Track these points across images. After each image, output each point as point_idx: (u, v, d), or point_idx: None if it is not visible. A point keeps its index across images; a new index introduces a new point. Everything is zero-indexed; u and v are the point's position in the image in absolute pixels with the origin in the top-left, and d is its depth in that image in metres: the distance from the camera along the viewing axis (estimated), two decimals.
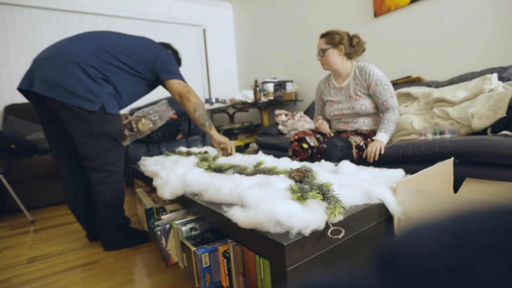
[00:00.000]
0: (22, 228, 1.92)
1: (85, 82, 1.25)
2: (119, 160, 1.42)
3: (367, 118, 1.56)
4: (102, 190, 1.36)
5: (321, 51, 1.54)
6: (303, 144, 1.50)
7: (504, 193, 0.96)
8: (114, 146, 1.37)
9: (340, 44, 1.51)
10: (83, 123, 1.28)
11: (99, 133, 1.31)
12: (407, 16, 2.16)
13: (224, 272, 0.78)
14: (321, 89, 1.70)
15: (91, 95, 1.26)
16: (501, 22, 1.71)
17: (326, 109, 1.67)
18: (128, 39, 1.46)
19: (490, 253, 0.13)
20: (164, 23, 3.66)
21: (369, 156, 1.37)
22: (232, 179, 0.90)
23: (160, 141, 2.57)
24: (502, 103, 1.29)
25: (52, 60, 1.27)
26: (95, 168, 1.34)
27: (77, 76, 1.24)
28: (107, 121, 1.32)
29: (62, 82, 1.23)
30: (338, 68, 1.56)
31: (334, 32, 1.53)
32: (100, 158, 1.34)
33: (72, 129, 1.29)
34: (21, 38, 2.82)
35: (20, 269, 1.31)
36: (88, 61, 1.27)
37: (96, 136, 1.31)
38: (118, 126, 1.38)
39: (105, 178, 1.36)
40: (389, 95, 1.46)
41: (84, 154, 1.33)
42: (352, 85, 1.55)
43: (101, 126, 1.30)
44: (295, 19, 3.12)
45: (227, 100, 3.44)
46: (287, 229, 0.57)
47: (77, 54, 1.27)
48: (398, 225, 0.76)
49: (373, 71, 1.48)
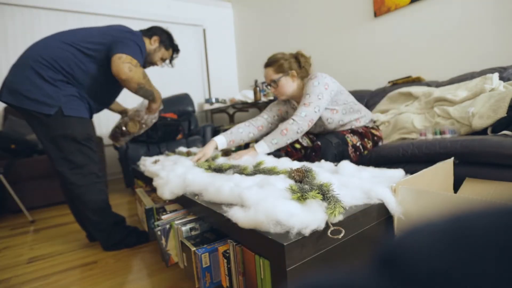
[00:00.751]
0: (22, 228, 1.92)
1: (41, 86, 1.23)
2: (91, 162, 1.35)
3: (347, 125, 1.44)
4: (79, 194, 1.33)
5: (272, 82, 1.41)
6: (295, 144, 1.48)
7: (504, 193, 0.96)
8: (80, 148, 1.32)
9: (290, 69, 1.39)
10: (44, 128, 1.26)
11: (61, 136, 1.27)
12: (407, 16, 2.16)
13: (224, 272, 0.78)
14: (283, 110, 1.54)
15: (47, 98, 1.23)
16: (501, 22, 1.71)
17: None
18: (97, 29, 1.37)
19: (490, 253, 0.13)
20: (164, 23, 3.65)
21: None
22: (232, 179, 0.90)
23: (160, 141, 2.56)
24: (502, 103, 1.29)
25: (15, 67, 1.27)
26: (67, 172, 1.31)
27: (33, 80, 1.23)
28: (67, 124, 1.27)
29: (21, 89, 1.22)
30: (294, 93, 1.43)
31: (280, 58, 1.39)
32: (68, 161, 1.30)
33: (38, 133, 1.29)
34: (21, 38, 2.82)
35: (20, 269, 1.31)
36: (45, 62, 1.24)
37: (58, 139, 1.28)
38: (82, 129, 1.32)
39: (79, 182, 1.32)
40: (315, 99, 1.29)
41: (53, 158, 1.30)
42: None
43: (61, 129, 1.27)
44: (295, 19, 3.12)
45: (227, 100, 3.44)
46: (287, 229, 0.57)
47: (34, 57, 1.25)
48: (398, 225, 0.76)
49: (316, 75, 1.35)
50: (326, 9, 2.78)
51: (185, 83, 3.81)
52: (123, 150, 2.47)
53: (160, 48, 1.53)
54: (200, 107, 3.92)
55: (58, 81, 1.27)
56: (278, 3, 3.32)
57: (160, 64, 1.60)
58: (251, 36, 3.89)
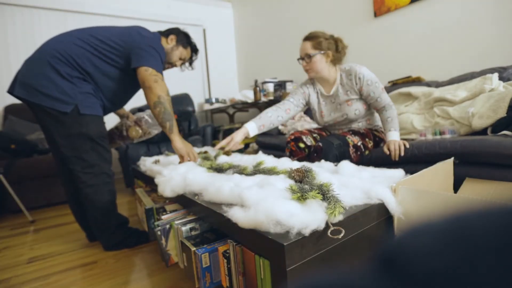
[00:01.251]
0: (22, 228, 1.92)
1: (58, 83, 1.22)
2: (103, 162, 1.35)
3: (361, 121, 1.52)
4: (88, 193, 1.32)
5: (307, 56, 1.41)
6: (300, 143, 1.49)
7: (504, 193, 0.96)
8: (95, 147, 1.31)
9: (328, 49, 1.40)
10: (59, 125, 1.25)
11: (76, 135, 1.27)
12: (407, 16, 2.16)
13: (224, 272, 0.78)
14: (307, 93, 1.56)
15: (64, 95, 1.22)
16: (501, 22, 1.71)
17: (319, 120, 1.58)
18: (115, 28, 1.37)
19: (490, 253, 0.13)
20: (164, 23, 3.66)
21: (395, 153, 1.30)
22: (232, 179, 0.90)
23: (160, 141, 2.57)
24: (502, 103, 1.29)
25: (30, 62, 1.26)
26: (79, 171, 1.30)
27: (50, 76, 1.21)
28: (83, 122, 1.27)
29: (36, 84, 1.21)
30: (325, 75, 1.45)
31: (321, 36, 1.41)
32: (81, 160, 1.30)
33: (51, 131, 1.27)
34: (21, 38, 2.82)
35: (20, 269, 1.31)
36: (62, 58, 1.23)
37: (73, 137, 1.27)
38: (97, 127, 1.32)
39: (90, 181, 1.31)
40: (381, 91, 1.40)
41: (66, 156, 1.30)
42: (341, 91, 1.46)
43: (77, 127, 1.26)
44: (295, 19, 3.12)
45: (227, 100, 3.44)
46: (287, 229, 0.57)
47: (51, 52, 1.23)
48: (398, 225, 0.76)
49: (362, 72, 1.40)
50: (326, 9, 2.77)
51: (185, 83, 3.81)
52: (123, 150, 2.47)
53: (177, 46, 1.48)
54: (200, 107, 3.92)
55: (75, 77, 1.25)
56: (278, 3, 3.32)
57: (179, 65, 1.55)
58: (251, 36, 3.89)
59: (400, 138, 1.40)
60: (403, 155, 1.30)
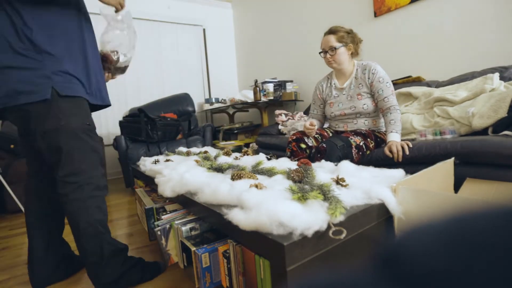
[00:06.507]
0: (21, 228, 1.91)
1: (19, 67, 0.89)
2: (90, 167, 1.01)
3: (368, 119, 1.55)
4: (70, 211, 0.99)
5: (331, 49, 1.51)
6: (301, 144, 1.49)
7: (504, 193, 0.96)
8: (80, 147, 0.99)
9: (350, 42, 1.51)
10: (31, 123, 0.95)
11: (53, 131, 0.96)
12: (407, 16, 2.16)
13: (224, 272, 0.78)
14: (322, 88, 1.68)
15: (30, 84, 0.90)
16: (501, 21, 1.71)
17: (327, 110, 1.66)
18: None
19: (490, 253, 0.13)
20: (164, 23, 3.67)
21: (398, 155, 1.31)
22: (229, 180, 0.89)
23: (160, 141, 2.57)
24: (503, 103, 1.29)
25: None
26: (60, 180, 0.98)
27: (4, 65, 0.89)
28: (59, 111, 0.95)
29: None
30: (345, 67, 1.55)
31: (341, 30, 1.51)
32: (63, 165, 0.97)
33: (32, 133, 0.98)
34: None
35: (19, 269, 1.31)
36: None
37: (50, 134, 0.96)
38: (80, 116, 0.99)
39: (72, 194, 0.98)
40: (391, 92, 1.45)
41: (50, 162, 1.01)
42: (354, 84, 1.54)
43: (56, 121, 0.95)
44: (295, 19, 3.12)
45: (227, 100, 3.45)
46: (290, 230, 0.57)
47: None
48: (398, 225, 0.76)
49: (377, 69, 1.48)
50: (326, 9, 2.78)
51: (185, 83, 3.81)
52: (123, 150, 2.47)
53: None
54: (200, 107, 3.92)
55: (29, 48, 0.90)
56: (278, 4, 3.32)
57: None
58: (251, 36, 3.89)
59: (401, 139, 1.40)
60: (408, 154, 1.31)
